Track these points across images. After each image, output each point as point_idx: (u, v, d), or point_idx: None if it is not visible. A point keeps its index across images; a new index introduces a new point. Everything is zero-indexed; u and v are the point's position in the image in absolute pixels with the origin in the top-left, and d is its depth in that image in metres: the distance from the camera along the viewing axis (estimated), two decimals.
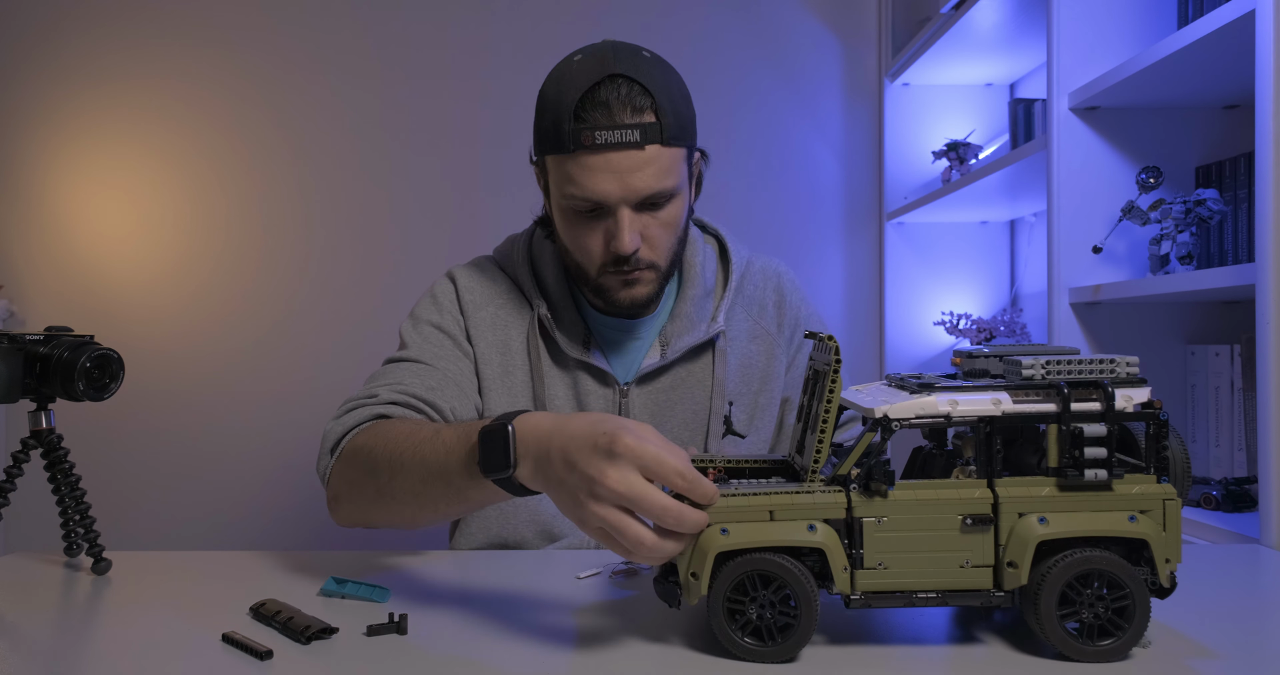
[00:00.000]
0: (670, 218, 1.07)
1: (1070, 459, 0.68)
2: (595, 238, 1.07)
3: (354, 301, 2.49)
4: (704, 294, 1.19)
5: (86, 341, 0.97)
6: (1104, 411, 0.68)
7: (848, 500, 0.69)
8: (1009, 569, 0.68)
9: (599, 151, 0.99)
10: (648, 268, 1.09)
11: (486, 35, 2.52)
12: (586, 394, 1.15)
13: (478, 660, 0.71)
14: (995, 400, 0.69)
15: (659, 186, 1.02)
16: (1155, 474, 0.69)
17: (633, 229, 1.04)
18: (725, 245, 1.24)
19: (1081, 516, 0.67)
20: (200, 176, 2.53)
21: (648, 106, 1.00)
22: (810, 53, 2.56)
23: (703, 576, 0.67)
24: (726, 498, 0.68)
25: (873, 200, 2.56)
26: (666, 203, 1.05)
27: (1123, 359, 0.69)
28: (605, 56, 1.01)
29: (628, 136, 0.98)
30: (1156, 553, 0.67)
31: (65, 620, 0.85)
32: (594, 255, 1.08)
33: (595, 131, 0.99)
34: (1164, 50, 1.35)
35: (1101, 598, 0.67)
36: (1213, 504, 1.34)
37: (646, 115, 1.00)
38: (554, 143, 1.03)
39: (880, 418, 0.68)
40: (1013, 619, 0.77)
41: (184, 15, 2.52)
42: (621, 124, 0.99)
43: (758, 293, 1.23)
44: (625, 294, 1.10)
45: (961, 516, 0.68)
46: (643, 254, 1.07)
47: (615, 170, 1.00)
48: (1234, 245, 1.48)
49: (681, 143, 1.04)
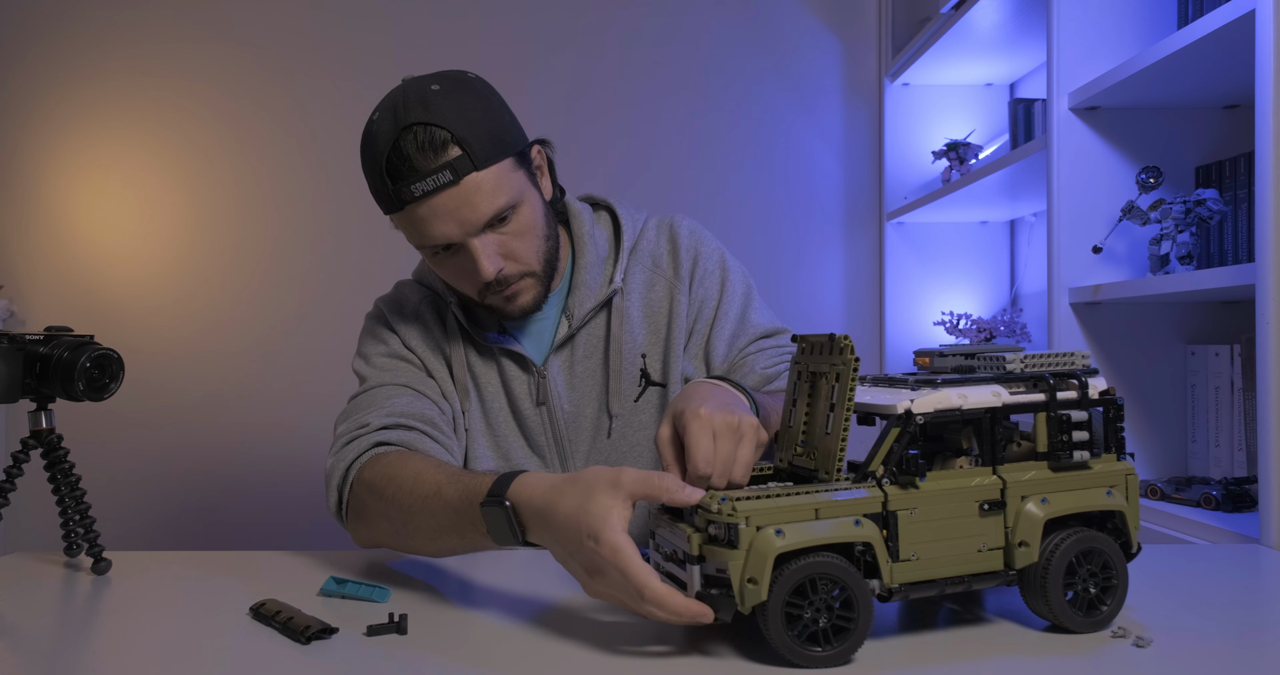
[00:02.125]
0: (522, 226, 1.09)
1: (1059, 443, 0.74)
2: (460, 273, 1.10)
3: (355, 301, 2.47)
4: (597, 261, 1.22)
5: (86, 341, 0.97)
6: (1080, 398, 0.76)
7: (883, 493, 0.70)
8: (1020, 548, 0.72)
9: (422, 201, 1.03)
10: (523, 277, 1.12)
11: (491, 33, 2.52)
12: (511, 379, 1.19)
13: (478, 660, 0.71)
14: (995, 393, 0.74)
15: (492, 209, 1.05)
16: (1115, 453, 0.77)
17: (488, 254, 1.07)
18: (616, 213, 1.27)
19: (1073, 495, 0.75)
20: (201, 176, 2.53)
21: (448, 142, 1.02)
22: (810, 53, 2.56)
23: (762, 581, 0.66)
24: (772, 499, 0.68)
25: (873, 200, 2.56)
26: (511, 215, 1.08)
27: (1078, 353, 0.79)
28: (397, 109, 1.03)
29: (441, 179, 1.01)
30: (1129, 521, 0.76)
31: (65, 620, 0.86)
32: (468, 286, 1.12)
33: (410, 186, 1.02)
34: (1164, 50, 1.35)
35: (1094, 574, 0.73)
36: (1213, 504, 1.34)
37: (450, 151, 1.02)
38: (385, 204, 1.08)
39: (904, 413, 0.71)
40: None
41: (185, 13, 2.52)
42: (430, 170, 1.01)
43: (650, 246, 1.26)
44: (512, 307, 1.13)
45: (979, 503, 0.72)
46: (510, 271, 1.10)
47: (444, 212, 1.03)
48: (1234, 245, 1.48)
49: (499, 157, 1.05)
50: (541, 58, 2.54)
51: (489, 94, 1.09)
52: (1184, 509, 1.36)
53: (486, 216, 1.04)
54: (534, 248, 1.11)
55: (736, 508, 0.67)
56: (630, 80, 2.55)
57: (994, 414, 0.73)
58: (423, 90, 1.04)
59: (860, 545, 0.69)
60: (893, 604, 0.82)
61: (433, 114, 1.02)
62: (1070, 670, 0.67)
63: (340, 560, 1.03)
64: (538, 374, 1.18)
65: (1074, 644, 0.71)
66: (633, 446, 1.20)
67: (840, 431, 0.72)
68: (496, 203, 1.05)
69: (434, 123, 1.01)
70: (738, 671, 0.67)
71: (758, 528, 0.67)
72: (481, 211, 1.04)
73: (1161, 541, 1.32)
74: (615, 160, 2.53)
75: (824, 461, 0.73)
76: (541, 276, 1.13)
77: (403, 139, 1.01)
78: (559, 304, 1.21)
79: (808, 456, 0.76)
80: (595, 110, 2.54)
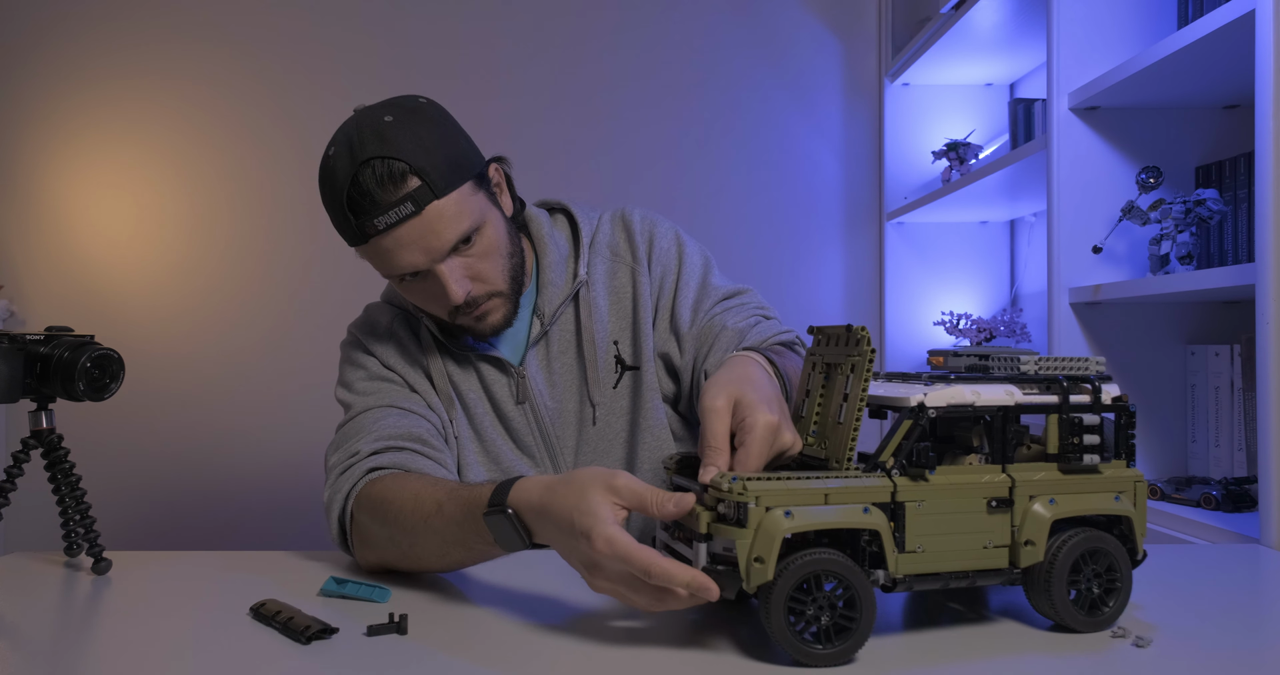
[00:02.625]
0: (486, 247, 1.10)
1: (1070, 445, 0.75)
2: (429, 297, 1.11)
3: (355, 301, 2.48)
4: (560, 259, 1.23)
5: (86, 341, 0.97)
6: (1093, 403, 0.76)
7: (893, 484, 0.70)
8: (1026, 547, 0.73)
9: (386, 233, 1.04)
10: (491, 298, 1.12)
11: (491, 34, 2.52)
12: (492, 383, 1.19)
13: (478, 660, 0.71)
14: (1008, 392, 0.74)
15: (456, 234, 1.05)
16: (1125, 460, 0.77)
17: (456, 278, 1.07)
18: (572, 213, 1.28)
19: (1081, 497, 0.75)
20: (202, 175, 2.53)
21: (406, 173, 1.02)
22: (810, 53, 2.56)
23: (769, 561, 0.66)
24: (783, 481, 0.68)
25: (873, 200, 2.56)
26: (475, 237, 1.09)
27: (1093, 359, 0.79)
28: (353, 143, 1.04)
29: (403, 211, 1.02)
30: (1137, 528, 0.76)
31: (65, 620, 0.86)
32: (438, 309, 1.13)
33: (373, 220, 1.03)
34: (1164, 50, 1.35)
35: (1099, 574, 0.74)
36: (1213, 504, 1.34)
37: (410, 182, 1.02)
38: (350, 238, 1.09)
39: (916, 406, 0.71)
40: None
41: (186, 13, 2.52)
42: (391, 202, 1.02)
43: (606, 237, 1.27)
44: (483, 326, 1.14)
45: (986, 499, 0.72)
46: (477, 291, 1.10)
47: (409, 243, 1.04)
48: (1234, 245, 1.48)
49: (458, 183, 1.06)
50: (541, 58, 2.54)
51: (442, 119, 1.09)
52: (1184, 509, 1.36)
53: (451, 242, 1.05)
54: (499, 267, 1.12)
55: (747, 487, 0.67)
56: (630, 81, 2.55)
57: (1006, 412, 0.74)
58: (376, 122, 1.04)
59: (867, 534, 0.69)
60: (896, 602, 0.82)
61: (388, 147, 1.02)
62: (1070, 670, 0.67)
63: (340, 560, 1.03)
64: (516, 374, 1.19)
65: (1075, 644, 0.72)
66: (617, 433, 1.20)
67: (853, 421, 0.72)
68: (460, 228, 1.05)
69: (390, 156, 1.02)
70: (739, 669, 0.67)
71: (767, 508, 0.67)
72: (446, 238, 1.05)
73: (1162, 541, 1.32)
74: (615, 161, 2.53)
75: (835, 450, 0.73)
76: (509, 295, 1.14)
77: (361, 174, 1.02)
78: (529, 305, 1.22)
79: (819, 446, 0.77)
80: (595, 111, 2.55)
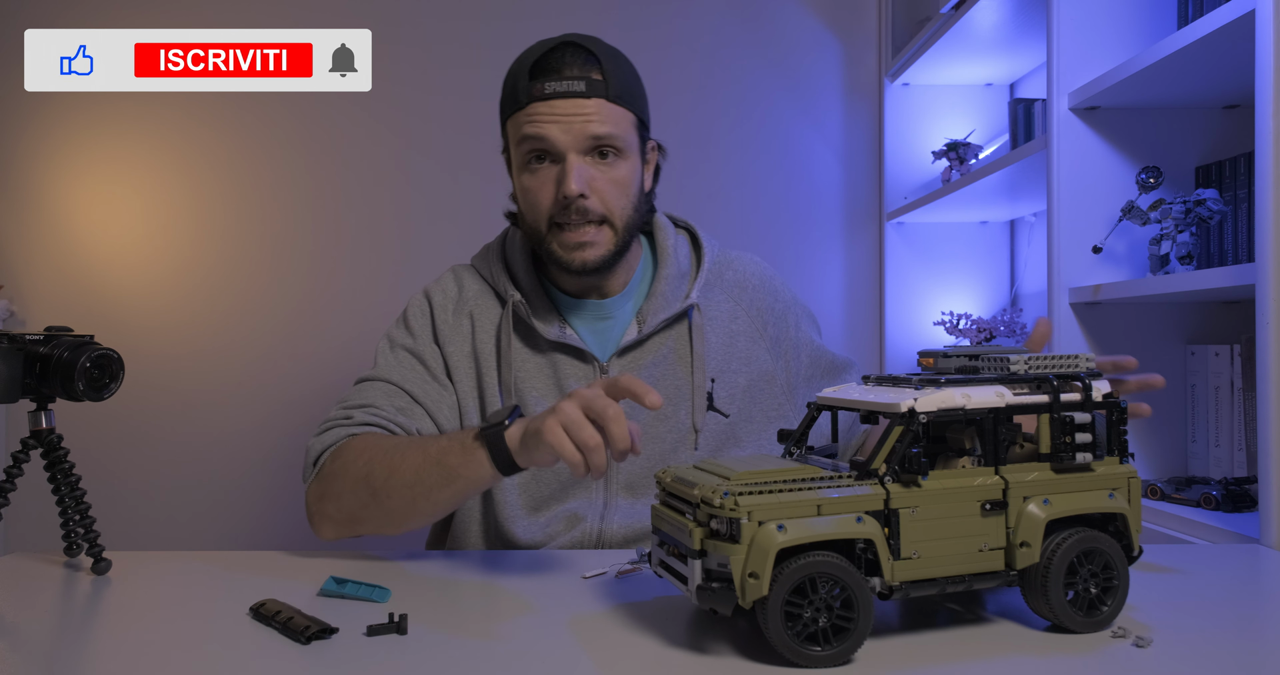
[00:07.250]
0: (619, 176, 1.14)
1: (1062, 445, 0.74)
2: (546, 189, 1.13)
3: (355, 302, 2.49)
4: (678, 275, 1.24)
5: (86, 341, 0.97)
6: (1084, 401, 0.76)
7: (885, 491, 0.70)
8: (1021, 549, 0.72)
9: (547, 100, 1.10)
10: (598, 223, 1.13)
11: (493, 34, 2.52)
12: (566, 376, 1.18)
13: (478, 660, 0.71)
14: (998, 393, 0.74)
15: (603, 131, 1.11)
16: (1119, 456, 0.77)
17: (579, 174, 1.11)
18: (696, 234, 1.31)
19: (1075, 496, 0.75)
20: (202, 175, 2.53)
21: (595, 66, 1.11)
22: (810, 53, 2.56)
23: (763, 576, 0.65)
24: (775, 494, 0.68)
25: (873, 200, 2.56)
26: (614, 157, 1.13)
27: (1083, 356, 0.78)
28: (567, 35, 1.14)
29: (573, 87, 1.09)
30: (1131, 524, 0.76)
31: (65, 620, 0.86)
32: (544, 209, 1.14)
33: (545, 83, 1.10)
34: (1164, 50, 1.35)
35: (1096, 574, 0.74)
36: (1213, 504, 1.34)
37: (593, 73, 1.11)
38: (511, 103, 1.14)
39: (907, 412, 0.71)
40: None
41: (186, 12, 2.52)
42: (569, 76, 1.10)
43: (739, 277, 1.28)
44: (577, 256, 1.14)
45: (980, 502, 0.72)
46: (591, 205, 1.12)
47: (561, 116, 1.10)
48: (1234, 245, 1.48)
49: (627, 105, 1.13)
50: None
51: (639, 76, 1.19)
52: (1184, 509, 1.36)
53: (595, 136, 1.10)
54: (620, 203, 1.15)
55: (739, 502, 0.67)
56: None
57: (997, 414, 0.74)
58: (594, 37, 1.15)
59: (862, 543, 0.69)
60: (893, 604, 0.82)
61: (595, 46, 1.13)
62: (1070, 670, 0.67)
63: (340, 560, 1.03)
64: (599, 369, 1.18)
65: (1074, 644, 0.72)
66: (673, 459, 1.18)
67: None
68: (608, 129, 1.11)
69: (592, 50, 1.11)
70: (737, 671, 0.67)
71: (759, 523, 0.67)
72: (592, 129, 1.10)
73: (1161, 541, 1.32)
74: None
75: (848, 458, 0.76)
76: (617, 233, 1.15)
77: (560, 48, 1.11)
78: (631, 307, 1.22)
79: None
80: None
